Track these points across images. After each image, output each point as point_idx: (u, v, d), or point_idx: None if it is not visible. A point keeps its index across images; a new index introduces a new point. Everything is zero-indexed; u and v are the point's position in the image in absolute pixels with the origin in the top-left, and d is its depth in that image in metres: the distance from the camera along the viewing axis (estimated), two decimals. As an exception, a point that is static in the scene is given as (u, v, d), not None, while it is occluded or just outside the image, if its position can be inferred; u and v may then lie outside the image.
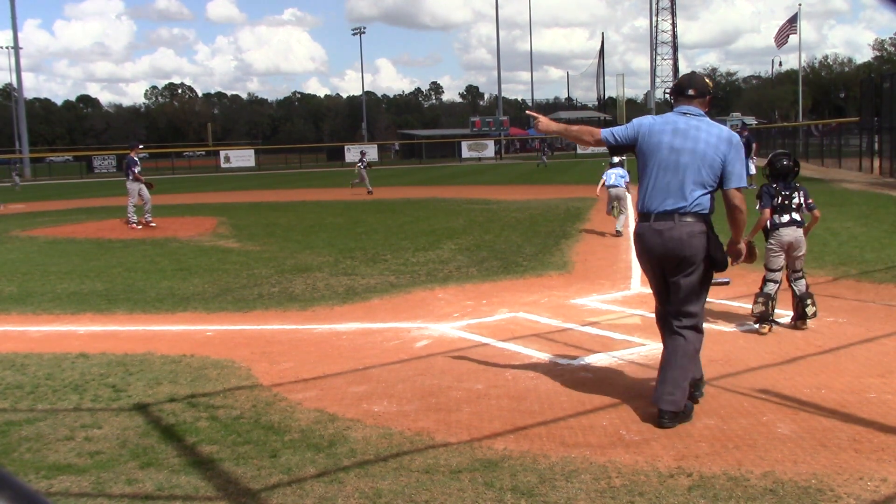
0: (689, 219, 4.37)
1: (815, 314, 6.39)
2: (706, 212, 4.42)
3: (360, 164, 26.93)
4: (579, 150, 65.23)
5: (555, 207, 18.30)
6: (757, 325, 6.37)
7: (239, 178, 45.40)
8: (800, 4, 61.80)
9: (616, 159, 26.39)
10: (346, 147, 66.12)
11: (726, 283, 6.56)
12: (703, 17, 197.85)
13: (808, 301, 6.36)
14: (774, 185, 6.42)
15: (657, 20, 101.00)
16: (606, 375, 5.31)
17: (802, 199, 6.43)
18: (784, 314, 6.63)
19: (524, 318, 7.17)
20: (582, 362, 5.62)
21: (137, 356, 6.10)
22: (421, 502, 3.46)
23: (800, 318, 6.39)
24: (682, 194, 4.36)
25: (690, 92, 4.53)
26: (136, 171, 16.66)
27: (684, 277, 4.43)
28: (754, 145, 22.65)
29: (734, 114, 73.74)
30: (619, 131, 4.65)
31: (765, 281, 6.43)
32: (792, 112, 73.53)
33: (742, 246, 4.64)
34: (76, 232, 16.56)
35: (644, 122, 4.61)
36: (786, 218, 6.37)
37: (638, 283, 8.73)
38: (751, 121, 67.26)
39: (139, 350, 6.29)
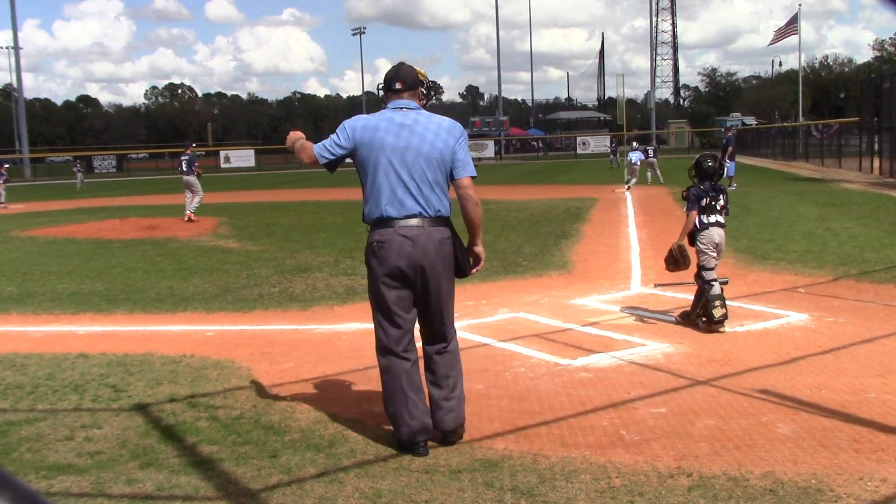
0: (435, 224, 4.03)
1: (724, 317, 6.27)
2: (448, 214, 4.09)
3: (650, 157, 21.94)
4: (579, 150, 65.34)
5: (555, 207, 18.29)
6: (721, 329, 6.31)
7: (239, 178, 45.41)
8: (799, 5, 61.60)
9: (636, 144, 26.40)
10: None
11: (724, 283, 6.57)
12: (702, 17, 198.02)
13: (717, 303, 6.28)
14: (702, 187, 6.51)
15: (657, 20, 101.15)
16: (606, 375, 5.31)
17: (724, 202, 6.55)
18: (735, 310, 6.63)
19: (524, 318, 7.17)
20: (582, 362, 5.62)
21: (137, 356, 6.09)
22: (421, 502, 3.46)
23: (701, 317, 6.41)
24: (420, 196, 3.99)
25: (397, 85, 4.16)
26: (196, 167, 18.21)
27: (435, 290, 4.06)
28: (730, 148, 21.89)
29: (734, 114, 73.66)
30: (331, 143, 4.13)
31: (706, 283, 6.38)
32: (792, 112, 73.43)
33: (480, 249, 4.23)
34: (76, 232, 16.56)
35: (357, 123, 4.14)
36: (713, 219, 6.48)
37: (638, 283, 8.73)
38: (751, 121, 67.20)
39: (139, 350, 6.29)
